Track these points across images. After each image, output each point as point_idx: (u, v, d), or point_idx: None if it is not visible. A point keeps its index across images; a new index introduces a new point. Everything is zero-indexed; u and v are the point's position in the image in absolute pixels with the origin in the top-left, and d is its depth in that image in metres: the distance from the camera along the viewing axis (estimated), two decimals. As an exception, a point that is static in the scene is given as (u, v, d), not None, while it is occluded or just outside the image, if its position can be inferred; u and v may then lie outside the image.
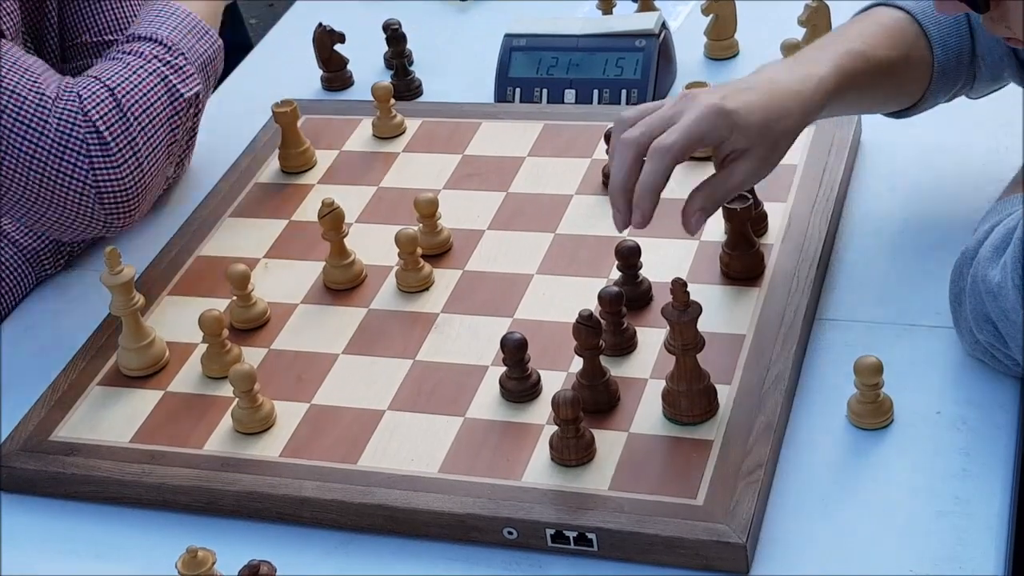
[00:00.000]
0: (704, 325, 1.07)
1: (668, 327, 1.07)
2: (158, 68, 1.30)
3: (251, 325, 1.26)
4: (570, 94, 1.52)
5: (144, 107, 1.28)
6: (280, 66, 1.72)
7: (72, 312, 1.34)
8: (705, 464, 1.05)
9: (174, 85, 1.31)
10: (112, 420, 1.18)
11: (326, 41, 1.62)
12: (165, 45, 1.32)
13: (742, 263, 1.21)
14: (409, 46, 1.61)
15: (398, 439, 1.12)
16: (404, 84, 1.59)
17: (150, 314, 1.29)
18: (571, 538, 1.02)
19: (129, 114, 1.26)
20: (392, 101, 1.49)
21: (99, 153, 1.23)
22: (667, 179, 1.07)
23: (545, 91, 1.53)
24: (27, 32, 1.40)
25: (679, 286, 1.05)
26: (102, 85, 1.26)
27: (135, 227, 1.45)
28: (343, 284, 1.29)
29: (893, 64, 1.20)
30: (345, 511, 1.07)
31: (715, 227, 1.27)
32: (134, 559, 1.09)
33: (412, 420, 1.13)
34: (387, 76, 1.61)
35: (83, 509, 1.13)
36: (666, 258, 1.24)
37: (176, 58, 1.31)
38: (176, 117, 1.31)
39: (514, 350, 1.12)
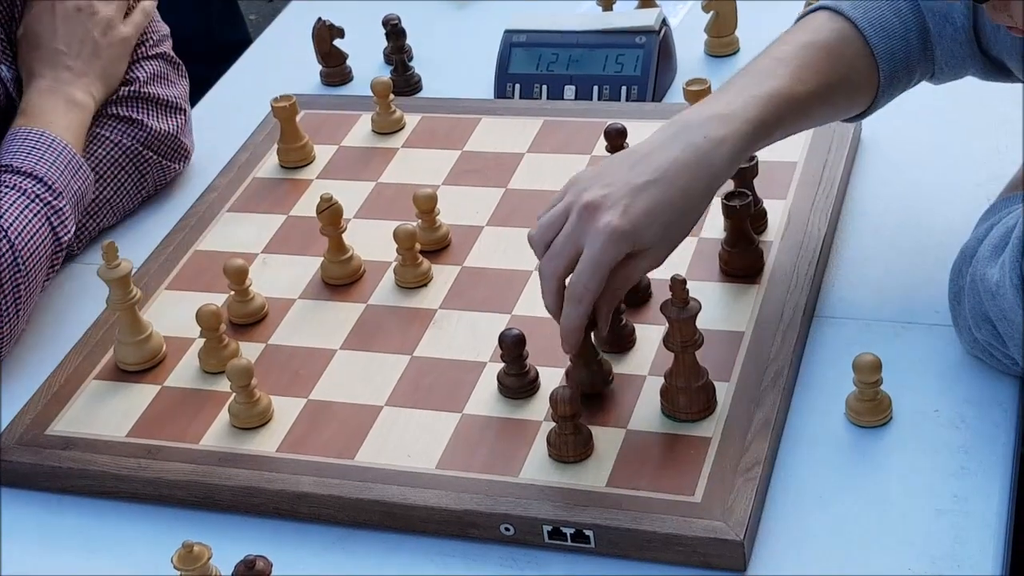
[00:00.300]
0: (703, 322, 1.07)
1: (667, 324, 1.07)
2: (41, 210, 1.28)
3: (249, 320, 1.25)
4: (570, 90, 1.52)
5: (32, 251, 1.26)
6: (279, 61, 1.72)
7: (69, 306, 1.34)
8: (703, 461, 1.05)
9: (55, 229, 1.29)
10: (109, 414, 1.18)
11: (325, 36, 1.62)
12: (45, 184, 1.29)
13: (741, 260, 1.21)
14: (409, 42, 1.61)
15: (396, 435, 1.11)
16: (403, 80, 1.59)
17: (147, 308, 1.29)
18: (568, 535, 1.02)
19: (20, 260, 1.24)
20: (391, 96, 1.49)
21: None
22: (587, 316, 1.08)
23: (545, 87, 1.53)
24: (3, 29, 1.38)
25: (678, 283, 1.05)
26: None
27: (133, 221, 1.45)
28: (341, 279, 1.29)
29: (828, 91, 1.15)
30: (342, 507, 1.07)
31: (715, 224, 1.27)
32: (130, 554, 1.09)
33: (410, 416, 1.13)
34: (386, 71, 1.61)
35: (79, 503, 1.13)
36: (665, 255, 1.24)
37: (56, 199, 1.30)
38: (54, 260, 1.30)
39: (512, 346, 1.12)
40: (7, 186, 1.28)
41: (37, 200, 1.28)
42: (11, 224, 1.25)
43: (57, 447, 1.15)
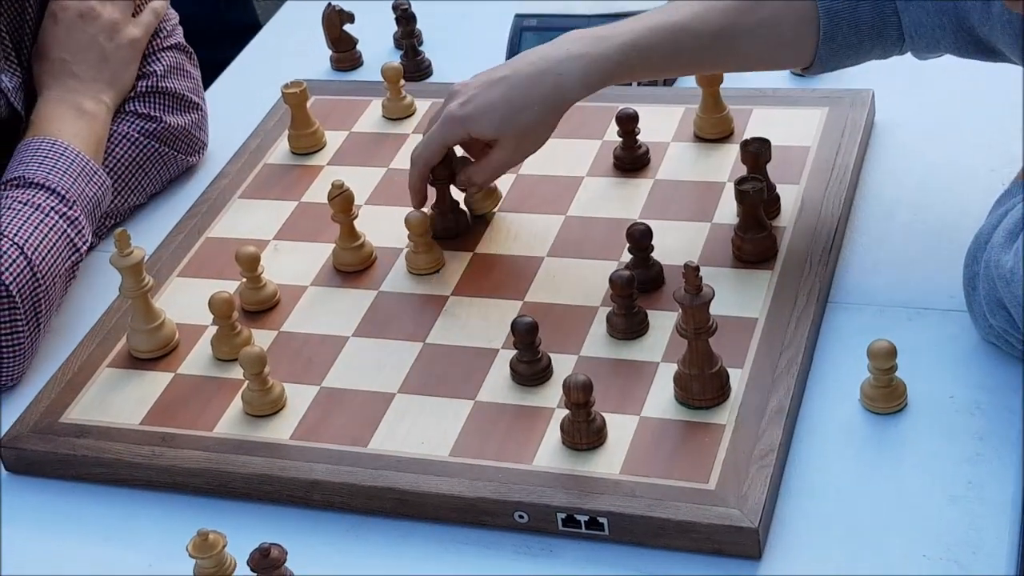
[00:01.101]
0: (716, 308, 1.07)
1: (680, 311, 1.07)
2: (58, 223, 1.27)
3: (261, 307, 1.25)
4: (581, 75, 1.51)
5: (51, 267, 1.25)
6: (289, 47, 1.72)
7: (82, 294, 1.34)
8: (717, 448, 1.04)
9: (73, 240, 1.29)
10: (122, 402, 1.18)
11: (335, 21, 1.62)
12: (59, 194, 1.28)
13: (754, 246, 1.21)
14: (419, 26, 1.60)
15: (408, 422, 1.11)
16: (414, 64, 1.58)
17: (160, 296, 1.29)
18: (582, 522, 1.02)
19: (39, 276, 1.24)
20: (402, 82, 1.48)
21: (7, 319, 1.22)
22: (422, 180, 1.26)
23: (556, 72, 1.52)
24: (9, 35, 1.38)
25: (691, 270, 1.05)
26: (15, 246, 1.23)
27: (145, 209, 1.45)
28: (353, 266, 1.28)
29: (737, 34, 1.18)
30: (355, 494, 1.07)
31: (728, 210, 1.27)
32: (144, 541, 1.09)
33: (422, 403, 1.13)
34: (397, 56, 1.60)
35: (93, 491, 1.13)
36: (678, 241, 1.24)
37: (71, 208, 1.29)
38: (72, 272, 1.30)
39: (525, 333, 1.12)
40: (20, 202, 1.27)
41: (52, 213, 1.28)
42: (26, 241, 1.24)
43: (71, 435, 1.15)
